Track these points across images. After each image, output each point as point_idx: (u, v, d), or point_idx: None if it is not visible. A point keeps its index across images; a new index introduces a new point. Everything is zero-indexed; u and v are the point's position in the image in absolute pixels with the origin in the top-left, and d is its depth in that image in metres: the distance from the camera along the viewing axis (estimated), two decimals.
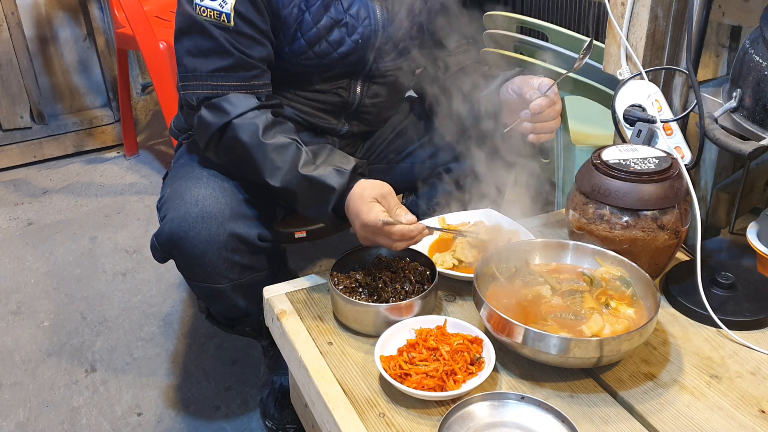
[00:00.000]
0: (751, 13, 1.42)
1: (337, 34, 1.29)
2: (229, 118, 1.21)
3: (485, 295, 1.08)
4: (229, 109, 1.21)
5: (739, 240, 1.52)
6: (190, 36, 1.23)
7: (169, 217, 1.25)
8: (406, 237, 1.11)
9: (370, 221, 1.11)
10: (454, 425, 0.92)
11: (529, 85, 1.23)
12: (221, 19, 1.20)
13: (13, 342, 1.87)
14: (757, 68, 1.14)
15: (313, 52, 1.29)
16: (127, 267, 2.18)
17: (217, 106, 1.22)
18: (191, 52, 1.23)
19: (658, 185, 1.12)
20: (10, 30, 2.66)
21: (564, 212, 1.26)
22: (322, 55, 1.30)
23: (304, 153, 1.20)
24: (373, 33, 1.31)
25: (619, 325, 1.03)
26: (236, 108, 1.21)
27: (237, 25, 1.20)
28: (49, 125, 2.85)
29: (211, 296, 1.34)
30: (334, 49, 1.30)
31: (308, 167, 1.19)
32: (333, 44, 1.29)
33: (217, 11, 1.19)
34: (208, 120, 1.23)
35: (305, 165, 1.19)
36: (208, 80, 1.22)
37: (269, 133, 1.21)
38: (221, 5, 1.19)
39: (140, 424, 1.60)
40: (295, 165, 1.19)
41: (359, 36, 1.30)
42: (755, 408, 0.97)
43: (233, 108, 1.21)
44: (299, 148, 1.21)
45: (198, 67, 1.23)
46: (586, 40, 1.24)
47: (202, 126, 1.24)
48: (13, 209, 2.55)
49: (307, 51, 1.29)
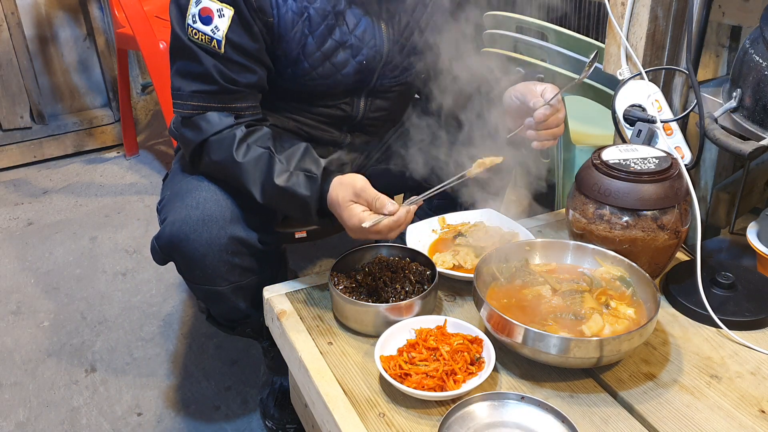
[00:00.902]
0: (751, 13, 1.42)
1: (342, 56, 1.28)
2: (205, 137, 1.22)
3: (485, 295, 1.08)
4: (205, 128, 1.22)
5: (739, 240, 1.52)
6: (180, 58, 1.24)
7: (169, 220, 1.25)
8: (395, 226, 1.10)
9: (353, 226, 1.11)
10: (454, 425, 0.92)
11: (533, 92, 1.22)
12: (212, 44, 1.19)
13: (13, 342, 1.87)
14: (757, 68, 1.14)
15: (316, 73, 1.28)
16: (127, 267, 2.18)
17: (195, 124, 1.23)
18: (180, 72, 1.24)
19: (658, 185, 1.12)
20: (10, 30, 2.66)
21: (564, 212, 1.26)
22: (325, 75, 1.29)
23: (278, 162, 1.20)
24: (378, 53, 1.30)
25: (619, 325, 1.03)
26: (212, 126, 1.22)
27: (227, 53, 1.20)
28: (49, 125, 2.85)
29: (211, 298, 1.34)
30: (338, 70, 1.29)
31: (282, 176, 1.19)
32: (337, 66, 1.28)
33: (208, 36, 1.19)
34: (188, 137, 1.24)
35: (279, 174, 1.19)
36: (190, 100, 1.23)
37: (242, 147, 1.21)
38: (213, 31, 1.19)
39: (140, 424, 1.60)
40: (270, 176, 1.19)
41: (363, 57, 1.29)
42: (755, 408, 0.97)
43: (209, 126, 1.22)
44: (272, 157, 1.20)
45: (182, 86, 1.23)
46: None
47: (184, 143, 1.27)
48: (13, 209, 2.55)
49: (311, 72, 1.28)
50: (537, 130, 1.21)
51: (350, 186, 1.13)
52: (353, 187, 1.13)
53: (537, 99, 1.20)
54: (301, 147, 1.24)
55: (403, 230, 1.14)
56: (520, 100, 1.25)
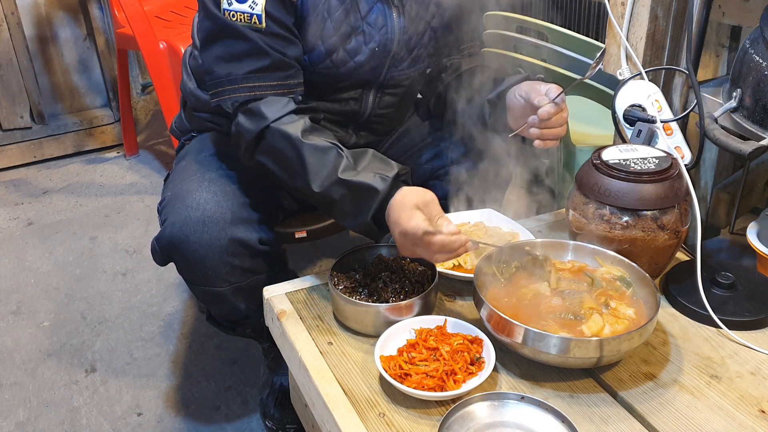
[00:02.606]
0: (751, 13, 1.42)
1: (354, 42, 1.27)
2: (267, 123, 1.18)
3: (485, 295, 1.08)
4: (267, 113, 1.18)
5: (739, 240, 1.52)
6: (221, 41, 1.20)
7: (169, 221, 1.25)
8: (446, 248, 1.06)
9: (410, 229, 1.06)
10: (454, 425, 0.92)
11: (537, 91, 1.22)
12: (252, 21, 1.17)
13: (13, 342, 1.87)
14: (757, 68, 1.14)
15: (330, 60, 1.27)
16: (127, 267, 2.18)
17: (254, 111, 1.19)
18: (223, 58, 1.20)
19: (658, 185, 1.12)
20: (10, 30, 2.66)
21: (564, 212, 1.26)
22: (339, 63, 1.28)
23: (345, 158, 1.17)
24: (389, 41, 1.30)
25: (619, 325, 1.03)
26: (274, 112, 1.18)
27: (269, 27, 1.18)
28: (49, 125, 2.85)
29: (211, 299, 1.34)
30: (351, 57, 1.28)
31: (349, 172, 1.15)
32: (350, 53, 1.28)
33: (247, 14, 1.17)
34: (246, 126, 1.19)
35: (345, 170, 1.15)
36: (244, 82, 1.19)
37: (308, 136, 1.18)
38: (251, 7, 1.17)
39: (140, 424, 1.60)
40: (335, 169, 1.15)
41: (376, 44, 1.29)
42: (755, 408, 0.97)
43: (271, 112, 1.18)
44: (340, 153, 1.17)
45: (232, 71, 1.19)
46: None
47: (240, 132, 1.21)
48: (13, 209, 2.55)
49: (326, 60, 1.27)
50: (540, 128, 1.21)
51: (421, 195, 1.10)
52: (423, 196, 1.10)
53: (541, 97, 1.20)
54: (369, 151, 1.21)
55: (452, 258, 1.11)
56: (524, 99, 1.25)
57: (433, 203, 1.10)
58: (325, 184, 1.16)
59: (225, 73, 1.20)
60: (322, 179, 1.16)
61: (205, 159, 1.36)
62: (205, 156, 1.37)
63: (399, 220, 1.09)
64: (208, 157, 1.37)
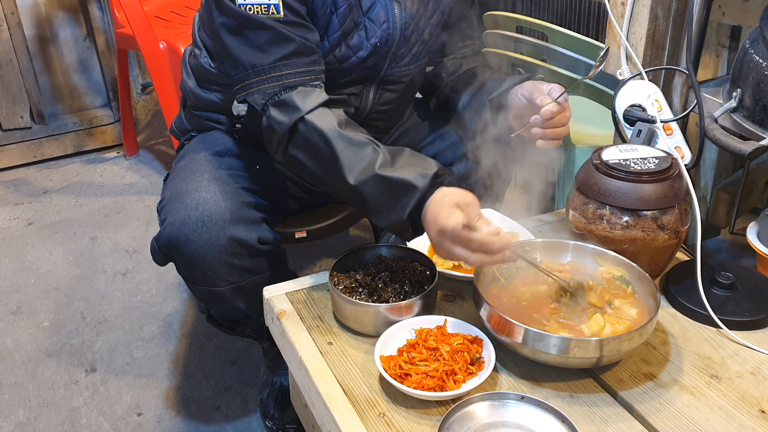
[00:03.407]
0: (751, 13, 1.42)
1: (356, 38, 1.28)
2: (302, 114, 1.16)
3: (485, 295, 1.08)
4: (300, 105, 1.17)
5: (739, 240, 1.52)
6: (242, 35, 1.19)
7: (169, 221, 1.25)
8: (486, 248, 1.01)
9: (448, 226, 1.02)
10: (454, 425, 0.92)
11: (540, 90, 1.22)
12: (270, 12, 1.17)
13: (13, 342, 1.87)
14: (757, 68, 1.14)
15: (334, 56, 1.28)
16: (127, 267, 2.18)
17: (287, 102, 1.17)
18: (246, 51, 1.19)
19: (658, 185, 1.12)
20: (10, 30, 2.66)
21: (564, 212, 1.26)
22: (342, 59, 1.28)
23: (382, 154, 1.14)
24: (391, 36, 1.30)
25: (620, 325, 1.03)
26: (307, 103, 1.17)
27: (287, 15, 1.17)
28: (49, 125, 2.85)
29: (211, 299, 1.34)
30: (353, 53, 1.28)
31: (386, 168, 1.12)
32: (353, 48, 1.28)
33: (264, 5, 1.16)
34: (279, 118, 1.17)
35: (383, 166, 1.12)
36: (271, 72, 1.18)
37: (344, 129, 1.16)
38: None
39: (140, 424, 1.60)
40: (372, 164, 1.12)
41: (377, 39, 1.29)
42: (755, 408, 0.97)
43: (304, 103, 1.17)
44: (377, 149, 1.15)
45: (258, 61, 1.18)
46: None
47: (272, 126, 1.19)
48: (13, 209, 2.55)
49: (329, 55, 1.27)
50: (543, 127, 1.20)
51: (461, 195, 1.07)
52: (464, 197, 1.06)
53: (544, 97, 1.20)
54: (406, 150, 1.18)
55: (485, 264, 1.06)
56: (527, 99, 1.24)
57: (473, 204, 1.06)
58: (360, 178, 1.13)
59: (251, 65, 1.18)
60: (357, 173, 1.13)
61: (205, 159, 1.36)
62: (204, 156, 1.37)
63: (437, 218, 1.05)
64: (207, 157, 1.37)
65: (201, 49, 1.39)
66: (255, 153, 1.41)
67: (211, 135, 1.44)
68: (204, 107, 1.44)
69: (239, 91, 1.22)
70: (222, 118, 1.43)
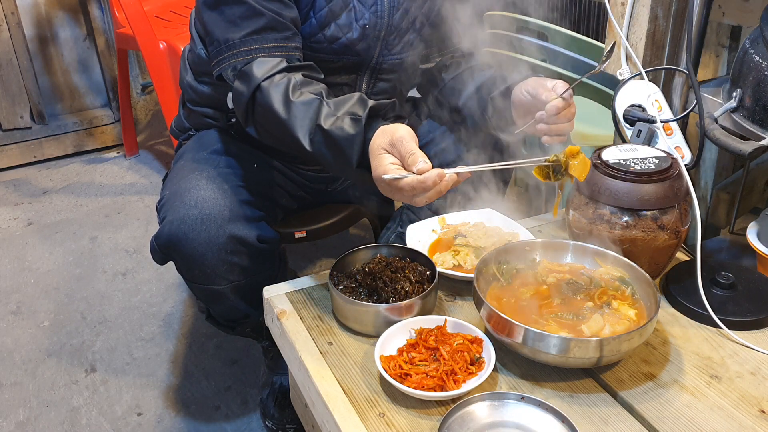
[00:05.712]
0: (751, 13, 1.42)
1: (345, 18, 1.27)
2: (258, 82, 1.15)
3: (485, 295, 1.08)
4: (256, 73, 1.15)
5: (739, 240, 1.52)
6: (218, 9, 1.19)
7: (168, 219, 1.25)
8: (418, 189, 0.98)
9: (377, 178, 1.01)
10: (454, 425, 0.92)
11: (544, 86, 1.21)
12: None
13: (13, 342, 1.87)
14: (757, 68, 1.14)
15: (323, 35, 1.27)
16: (127, 267, 2.18)
17: (246, 73, 1.16)
18: (221, 26, 1.19)
19: (658, 185, 1.12)
20: (10, 30, 2.66)
21: (564, 212, 1.26)
22: (331, 39, 1.28)
23: (326, 105, 1.12)
24: (379, 18, 1.30)
25: (619, 325, 1.03)
26: (263, 71, 1.16)
27: None
28: (49, 125, 2.85)
29: (210, 298, 1.34)
30: (343, 33, 1.28)
31: (329, 120, 1.10)
32: (342, 28, 1.28)
33: None
34: (239, 89, 1.17)
35: (326, 117, 1.10)
36: (242, 46, 1.17)
37: (296, 92, 1.14)
38: None
39: (140, 424, 1.60)
40: (317, 120, 1.10)
41: (366, 21, 1.29)
42: (755, 408, 0.97)
43: (261, 71, 1.16)
44: (321, 102, 1.12)
45: (230, 36, 1.18)
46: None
47: (236, 98, 1.19)
48: (13, 209, 2.55)
49: (318, 33, 1.27)
50: (548, 123, 1.19)
51: (390, 134, 1.03)
52: (392, 135, 1.02)
53: (549, 93, 1.19)
54: (354, 96, 1.15)
55: (433, 198, 1.00)
56: (531, 95, 1.23)
57: (402, 141, 1.01)
58: (310, 136, 1.11)
59: (224, 39, 1.19)
60: (308, 132, 1.11)
61: (203, 157, 1.36)
62: (203, 154, 1.37)
63: (373, 167, 1.04)
64: (206, 155, 1.37)
65: (196, 40, 1.39)
66: (253, 151, 1.41)
67: (209, 134, 1.44)
68: (201, 102, 1.44)
69: (214, 67, 1.22)
70: (218, 114, 1.43)
